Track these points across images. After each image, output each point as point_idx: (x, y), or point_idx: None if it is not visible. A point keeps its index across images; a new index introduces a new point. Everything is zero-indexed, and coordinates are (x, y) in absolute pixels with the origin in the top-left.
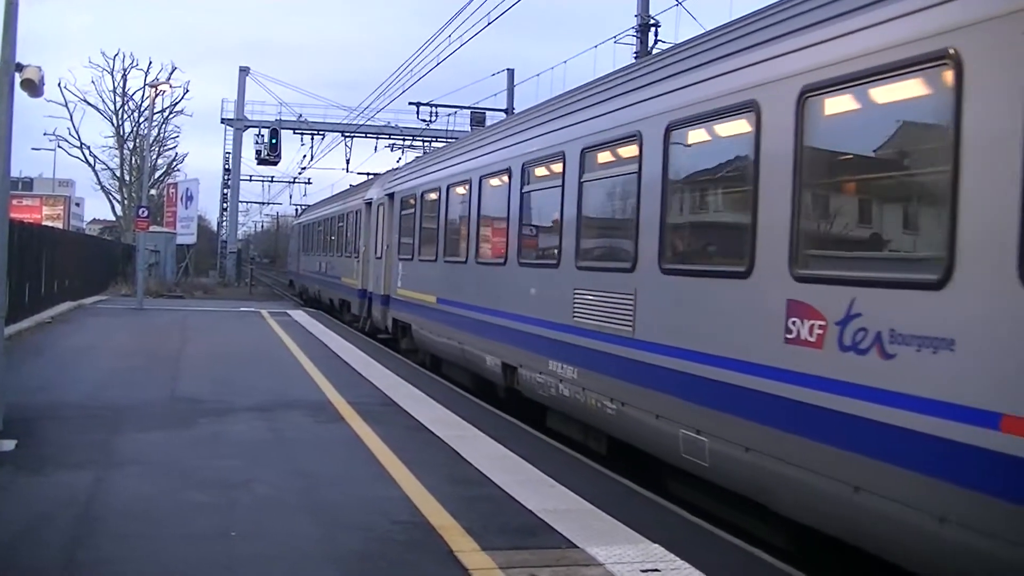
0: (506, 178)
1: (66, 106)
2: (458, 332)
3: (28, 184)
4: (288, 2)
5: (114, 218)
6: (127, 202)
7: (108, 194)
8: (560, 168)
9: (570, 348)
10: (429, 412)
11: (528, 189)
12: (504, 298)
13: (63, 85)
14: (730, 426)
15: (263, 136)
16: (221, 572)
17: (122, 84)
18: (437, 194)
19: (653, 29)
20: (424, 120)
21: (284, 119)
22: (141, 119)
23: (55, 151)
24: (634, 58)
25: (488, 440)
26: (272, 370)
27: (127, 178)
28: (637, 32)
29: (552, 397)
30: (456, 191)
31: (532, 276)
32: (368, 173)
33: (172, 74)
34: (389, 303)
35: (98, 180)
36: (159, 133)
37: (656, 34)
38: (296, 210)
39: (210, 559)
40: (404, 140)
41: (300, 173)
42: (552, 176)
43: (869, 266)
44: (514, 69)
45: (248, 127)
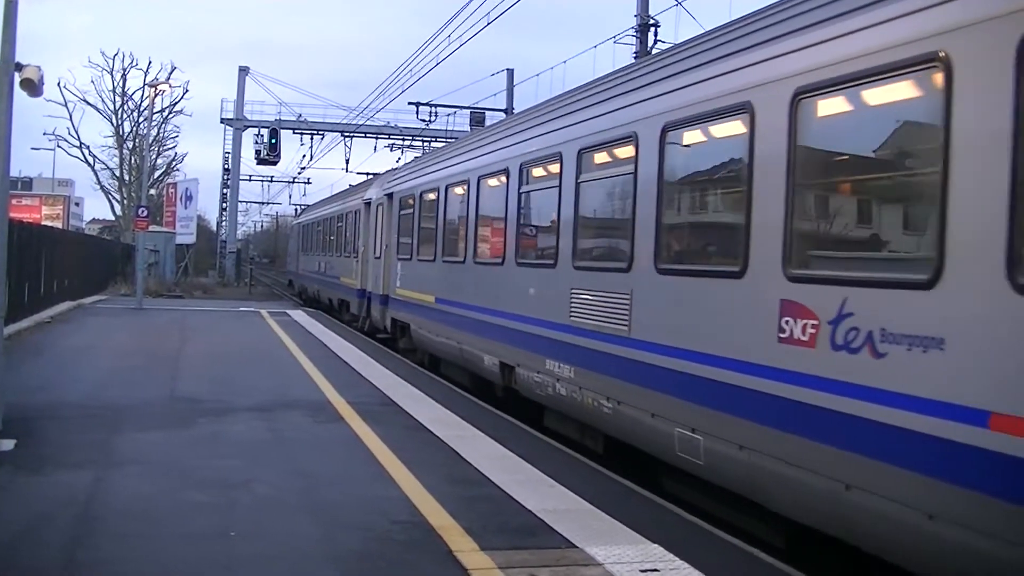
0: (504, 178)
1: (65, 106)
2: (456, 332)
3: (27, 184)
4: (288, 2)
5: (113, 218)
6: (126, 202)
7: (107, 194)
8: (557, 169)
9: (567, 347)
10: (428, 412)
11: (526, 189)
12: (502, 298)
13: (62, 85)
14: (725, 425)
15: (263, 136)
16: (221, 572)
17: (121, 84)
18: (436, 194)
19: (653, 29)
20: (423, 120)
21: (284, 119)
22: (140, 119)
23: (54, 151)
24: (634, 58)
25: (487, 440)
26: (271, 370)
27: (126, 178)
28: (637, 32)
29: (549, 396)
30: (454, 191)
31: (530, 276)
32: (367, 173)
33: (172, 74)
34: (388, 303)
35: (97, 180)
36: (158, 133)
37: (656, 34)
38: (295, 210)
39: (210, 559)
40: (404, 140)
41: (299, 173)
42: (549, 176)
43: (860, 266)
44: (514, 69)
45: (248, 127)
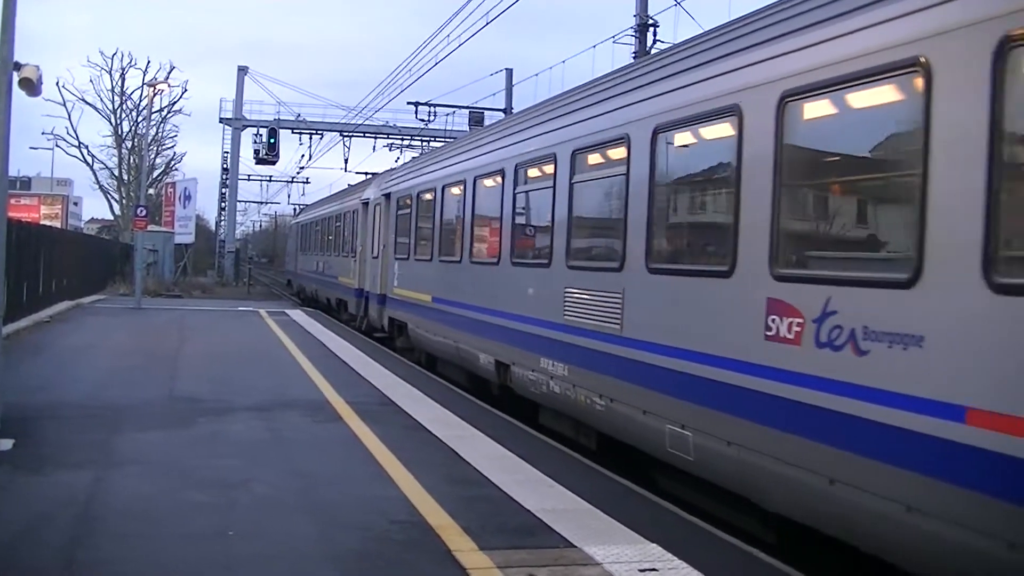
0: (499, 179)
1: (64, 105)
2: (453, 331)
3: (26, 183)
4: (288, 2)
5: (112, 217)
6: (125, 201)
7: (106, 193)
8: (552, 169)
9: (561, 346)
10: (427, 412)
11: (521, 190)
12: (497, 297)
13: (61, 84)
14: (713, 421)
15: (261, 135)
16: (220, 572)
17: (120, 83)
18: (432, 194)
19: (652, 29)
20: (422, 120)
21: (283, 119)
22: (139, 118)
23: (53, 150)
24: (633, 58)
25: (486, 440)
26: (270, 369)
27: (125, 177)
28: (636, 32)
29: (544, 394)
30: (451, 191)
31: (524, 275)
32: (366, 173)
33: (170, 73)
34: (385, 302)
35: (96, 179)
36: (157, 132)
37: (655, 34)
38: (294, 210)
39: (209, 559)
40: (402, 140)
41: (298, 172)
42: (544, 177)
43: (844, 265)
44: (512, 69)
45: (247, 126)
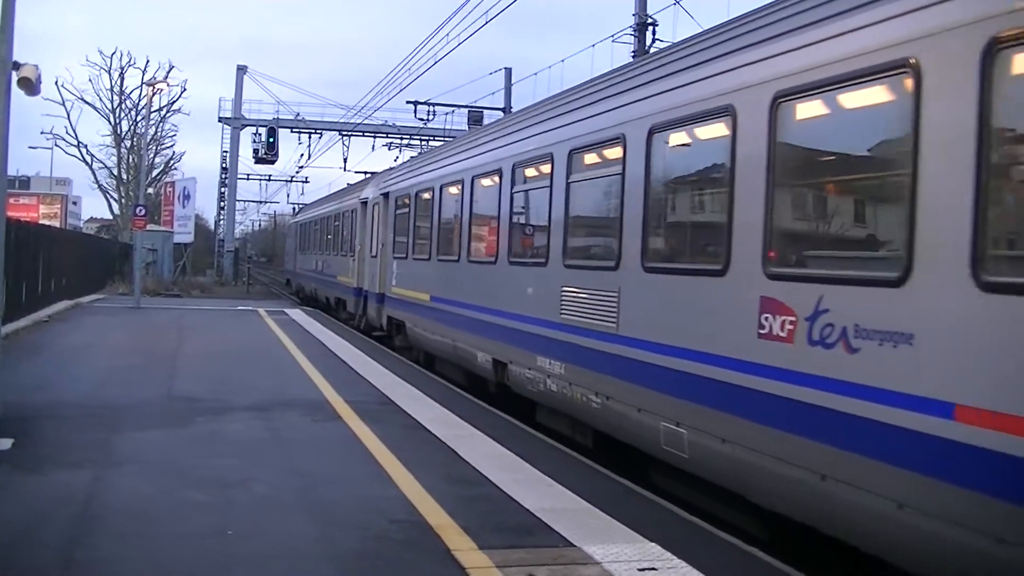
0: (497, 178)
1: (63, 104)
2: (451, 329)
3: (25, 183)
4: (287, 2)
5: (111, 217)
6: (124, 201)
7: (105, 193)
8: (549, 169)
9: (558, 344)
10: (427, 411)
11: (518, 189)
12: (495, 296)
13: (60, 83)
14: (707, 418)
15: (261, 135)
16: (218, 571)
17: (119, 83)
18: (431, 194)
19: (651, 28)
20: (421, 119)
21: (282, 118)
22: (138, 117)
23: (52, 149)
24: (632, 57)
25: (486, 439)
26: (269, 369)
27: (124, 177)
28: (635, 31)
29: (541, 392)
30: (449, 191)
31: (522, 274)
32: (365, 172)
33: (170, 73)
34: (384, 301)
35: (95, 179)
36: (156, 132)
37: (654, 33)
38: (293, 209)
39: (208, 558)
40: (401, 139)
41: (297, 172)
42: (541, 177)
43: (836, 264)
44: (511, 68)
45: (246, 126)
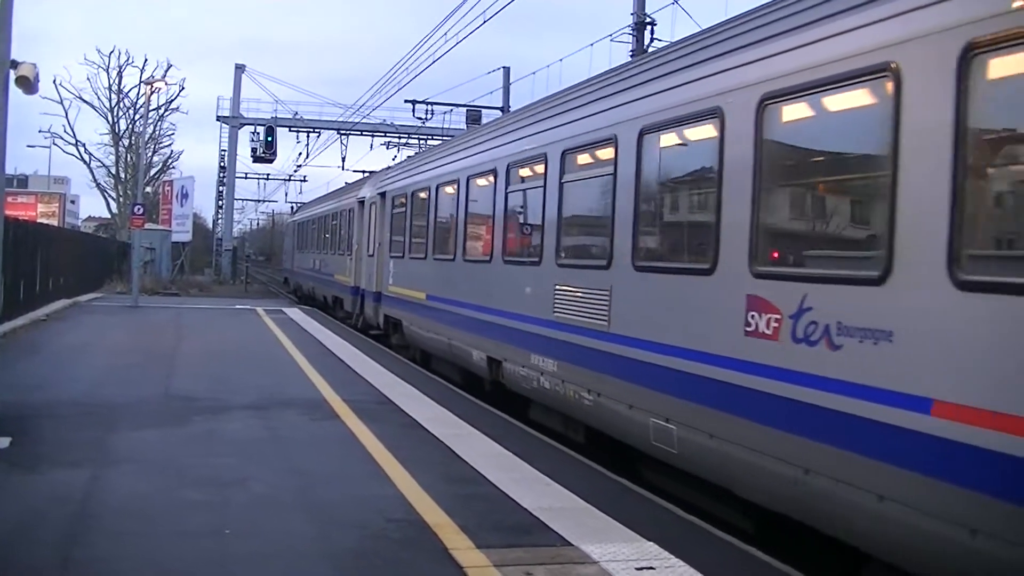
0: (492, 178)
1: (61, 103)
2: (446, 328)
3: (23, 181)
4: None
5: (109, 215)
6: (122, 199)
7: (103, 191)
8: (542, 169)
9: (551, 342)
10: (425, 410)
11: (512, 189)
12: (490, 294)
13: (58, 82)
14: (696, 414)
15: (259, 133)
16: (216, 570)
17: (118, 81)
18: (427, 193)
19: (649, 27)
20: (420, 118)
21: (280, 117)
22: (136, 116)
23: (50, 148)
24: (630, 56)
25: (483, 438)
26: (267, 368)
27: (122, 175)
28: (633, 30)
29: (534, 389)
30: (445, 190)
31: (516, 273)
32: (363, 171)
33: (168, 71)
34: (381, 300)
35: (93, 177)
36: (154, 130)
37: (652, 32)
38: (291, 208)
39: (205, 557)
40: (400, 138)
41: (296, 171)
42: (535, 177)
43: (819, 263)
44: (510, 67)
45: (244, 124)
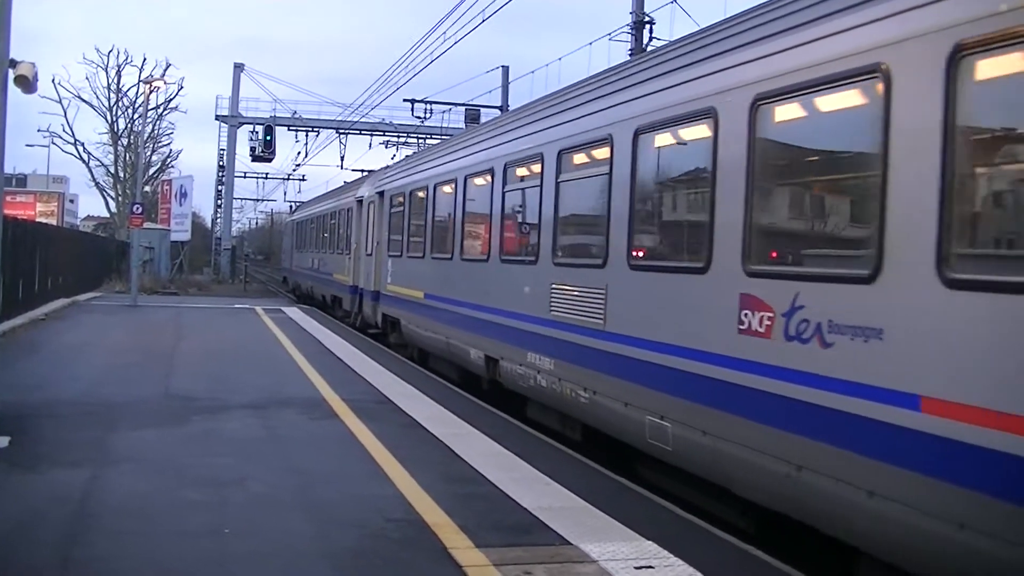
0: (489, 178)
1: (60, 102)
2: (444, 326)
3: (22, 181)
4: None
5: (108, 215)
6: (121, 199)
7: (102, 191)
8: (539, 168)
9: (547, 341)
10: (424, 409)
11: (509, 188)
12: (487, 293)
13: (57, 81)
14: (690, 412)
15: (257, 133)
16: (215, 569)
17: (116, 80)
18: (425, 193)
19: (648, 26)
20: (418, 117)
21: (279, 116)
22: (135, 115)
23: (49, 147)
24: (629, 55)
25: (483, 437)
26: (266, 367)
27: (121, 175)
28: (632, 29)
29: (531, 388)
30: (443, 190)
31: (513, 272)
32: (362, 170)
33: (167, 71)
34: (379, 299)
35: (92, 177)
36: (153, 130)
37: (651, 31)
38: (290, 207)
39: (204, 556)
40: (398, 137)
41: (294, 170)
42: (531, 176)
43: (811, 262)
44: (509, 66)
45: (243, 124)
